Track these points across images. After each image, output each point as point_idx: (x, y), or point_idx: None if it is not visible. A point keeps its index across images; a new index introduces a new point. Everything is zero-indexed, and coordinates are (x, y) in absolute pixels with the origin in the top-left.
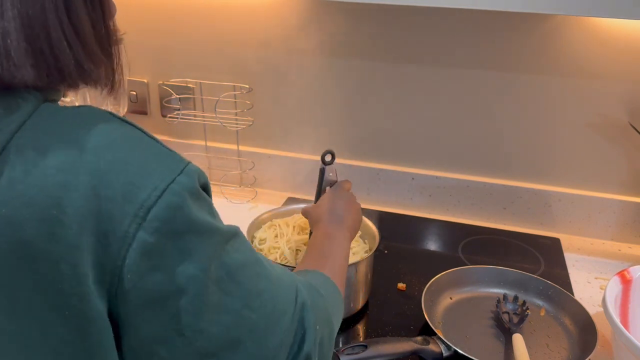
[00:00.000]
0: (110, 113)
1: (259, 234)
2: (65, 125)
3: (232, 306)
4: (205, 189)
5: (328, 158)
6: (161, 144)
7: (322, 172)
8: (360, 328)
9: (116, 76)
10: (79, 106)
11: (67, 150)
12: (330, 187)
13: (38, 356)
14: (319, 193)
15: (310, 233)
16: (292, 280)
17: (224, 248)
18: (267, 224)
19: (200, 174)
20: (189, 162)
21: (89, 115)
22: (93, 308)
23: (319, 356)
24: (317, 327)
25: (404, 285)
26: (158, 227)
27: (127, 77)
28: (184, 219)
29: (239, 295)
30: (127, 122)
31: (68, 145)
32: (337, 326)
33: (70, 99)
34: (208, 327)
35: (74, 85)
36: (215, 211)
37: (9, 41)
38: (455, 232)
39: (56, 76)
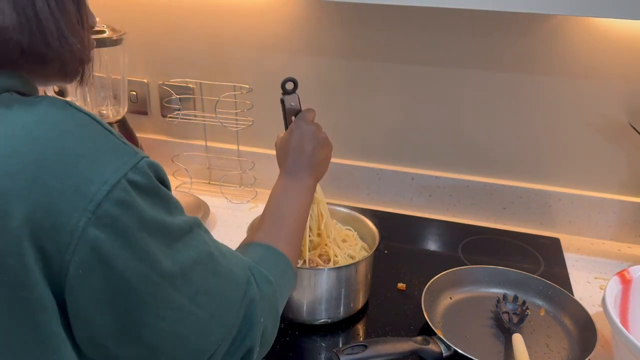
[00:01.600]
0: (68, 102)
1: None
2: (17, 114)
3: (180, 302)
4: (163, 182)
5: (290, 87)
6: (116, 136)
7: (282, 102)
8: (360, 328)
9: (87, 68)
10: (37, 96)
11: (15, 140)
12: (295, 116)
13: (1, 349)
14: (286, 124)
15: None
16: (243, 274)
17: (176, 245)
18: None
19: (155, 168)
20: (143, 156)
21: (43, 104)
22: (42, 298)
23: (262, 343)
24: (262, 319)
25: (404, 285)
26: (107, 223)
27: (94, 73)
28: (134, 215)
29: (186, 292)
30: (83, 112)
31: (16, 134)
32: (283, 306)
33: (71, 99)
34: (155, 322)
35: (54, 57)
36: (175, 203)
37: None
38: (455, 232)
39: (37, 37)
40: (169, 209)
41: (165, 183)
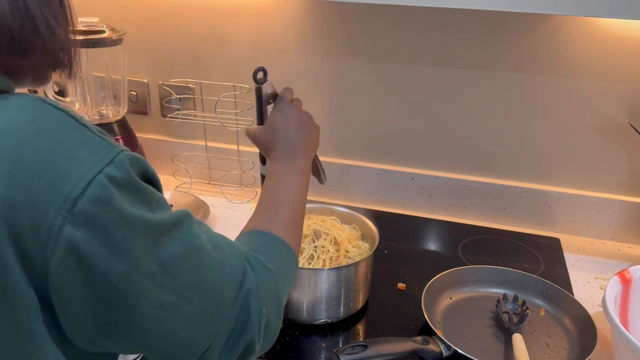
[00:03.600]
0: (41, 99)
1: None
2: None
3: (166, 299)
4: (147, 176)
5: (260, 76)
6: (93, 130)
7: (259, 91)
8: (360, 328)
9: (74, 62)
10: (10, 93)
11: None
12: (272, 101)
13: None
14: (261, 115)
15: (261, 158)
16: (239, 265)
17: (160, 240)
18: None
19: (135, 161)
20: (121, 150)
21: (16, 101)
22: (24, 297)
23: (265, 333)
24: (264, 310)
25: (404, 285)
26: (85, 221)
27: (83, 66)
28: (112, 213)
29: (173, 288)
30: (57, 107)
31: None
32: (287, 294)
33: (71, 99)
34: (142, 321)
35: (39, 47)
36: (158, 198)
37: None
38: (455, 232)
39: (28, 25)
40: (151, 203)
41: (149, 175)
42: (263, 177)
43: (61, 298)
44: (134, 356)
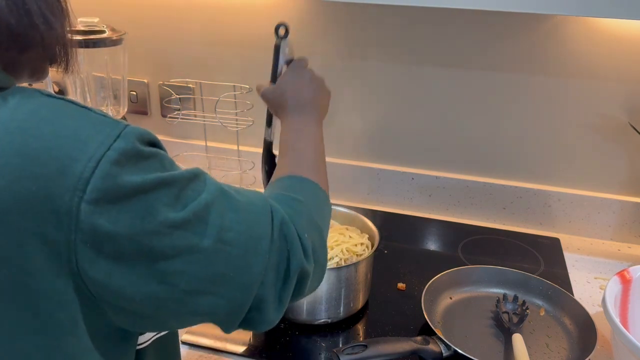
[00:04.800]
0: (39, 90)
1: None
2: None
3: (204, 244)
4: (154, 145)
5: (282, 32)
6: (94, 111)
7: (277, 48)
8: (360, 328)
9: (71, 56)
10: (7, 89)
11: None
12: (287, 65)
13: (2, 335)
14: (275, 73)
15: (269, 116)
16: (264, 203)
17: (183, 193)
18: None
19: (141, 133)
20: (126, 125)
21: (15, 96)
22: (46, 286)
23: (315, 259)
24: (305, 234)
25: (404, 285)
26: (100, 197)
27: (80, 61)
28: (126, 184)
29: (209, 233)
30: (55, 97)
31: None
32: (326, 224)
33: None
34: (186, 267)
35: (37, 40)
36: (170, 161)
37: None
38: (455, 232)
39: (25, 19)
40: (165, 165)
41: (156, 145)
42: (266, 142)
43: (96, 276)
44: (146, 339)
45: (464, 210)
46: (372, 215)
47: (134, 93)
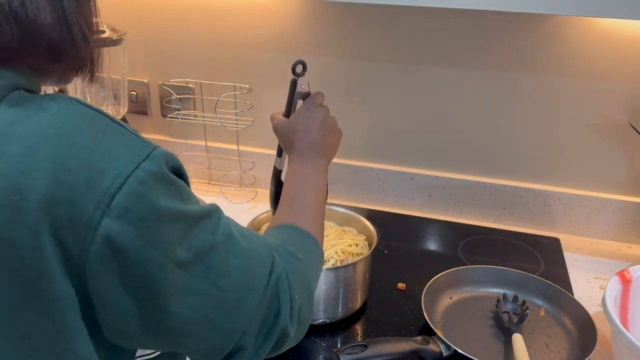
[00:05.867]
0: (77, 100)
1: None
2: (30, 112)
3: (200, 287)
4: (178, 171)
5: (299, 69)
6: (127, 128)
7: (293, 83)
8: (360, 328)
9: (97, 67)
10: (49, 94)
11: (30, 137)
12: (303, 99)
13: (6, 342)
14: (290, 107)
15: (279, 149)
16: (267, 254)
17: (192, 231)
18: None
19: (168, 157)
20: (155, 147)
21: (56, 102)
22: (59, 289)
23: (299, 321)
24: (296, 296)
25: (404, 285)
26: (122, 214)
27: (104, 73)
28: (148, 206)
29: (206, 276)
30: (92, 108)
31: (31, 131)
32: (315, 284)
33: None
34: (177, 309)
35: (72, 55)
36: (188, 192)
37: None
38: (455, 232)
39: (66, 34)
40: (183, 197)
41: (180, 171)
42: (276, 170)
43: (99, 289)
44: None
45: (464, 210)
46: (372, 215)
47: (134, 93)
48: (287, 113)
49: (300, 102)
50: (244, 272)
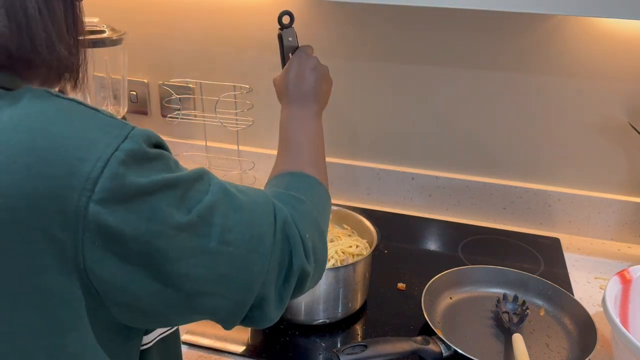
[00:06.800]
0: (49, 91)
1: None
2: (2, 108)
3: (208, 246)
4: (160, 147)
5: (286, 20)
6: (102, 112)
7: (280, 37)
8: (360, 328)
9: (80, 72)
10: (19, 89)
11: (3, 133)
12: (292, 53)
13: (5, 336)
14: (283, 60)
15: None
16: (266, 202)
17: (188, 195)
18: None
19: (148, 135)
20: (133, 127)
21: (26, 96)
22: (52, 284)
23: (315, 259)
24: (307, 235)
25: (404, 285)
26: (108, 197)
27: (94, 73)
28: (133, 185)
29: (212, 234)
30: (64, 97)
31: (4, 127)
32: (326, 223)
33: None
34: (190, 270)
35: (40, 63)
36: (175, 161)
37: None
38: (455, 232)
39: (27, 43)
40: (170, 166)
41: (162, 147)
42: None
43: (104, 274)
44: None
45: (464, 210)
46: (372, 215)
47: (134, 93)
48: (283, 66)
49: (290, 57)
50: (248, 224)
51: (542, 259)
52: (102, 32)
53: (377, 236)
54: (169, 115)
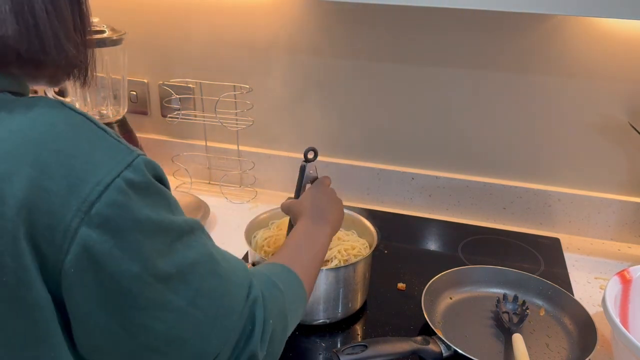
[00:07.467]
0: (62, 103)
1: (263, 233)
2: (12, 116)
3: (177, 304)
4: (161, 181)
5: (311, 155)
6: (112, 135)
7: (302, 169)
8: (360, 328)
9: (89, 71)
10: (32, 97)
11: (9, 141)
12: (311, 183)
13: None
14: (299, 189)
15: (290, 227)
16: (245, 276)
17: (175, 245)
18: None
19: (151, 166)
20: (138, 155)
21: (39, 105)
22: (40, 297)
23: (269, 352)
24: (270, 321)
25: (404, 285)
26: (101, 223)
27: (95, 74)
28: (128, 216)
29: (185, 294)
30: (78, 112)
31: (11, 137)
32: (293, 323)
33: (71, 99)
34: (151, 323)
35: (49, 63)
36: (173, 202)
37: None
38: (455, 232)
39: (36, 44)
40: (168, 208)
41: (163, 182)
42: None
43: (73, 299)
44: None
45: (464, 210)
46: (372, 215)
47: (134, 93)
48: (297, 195)
49: (309, 186)
50: (222, 293)
51: (542, 259)
52: (102, 32)
53: (377, 236)
54: (169, 115)
